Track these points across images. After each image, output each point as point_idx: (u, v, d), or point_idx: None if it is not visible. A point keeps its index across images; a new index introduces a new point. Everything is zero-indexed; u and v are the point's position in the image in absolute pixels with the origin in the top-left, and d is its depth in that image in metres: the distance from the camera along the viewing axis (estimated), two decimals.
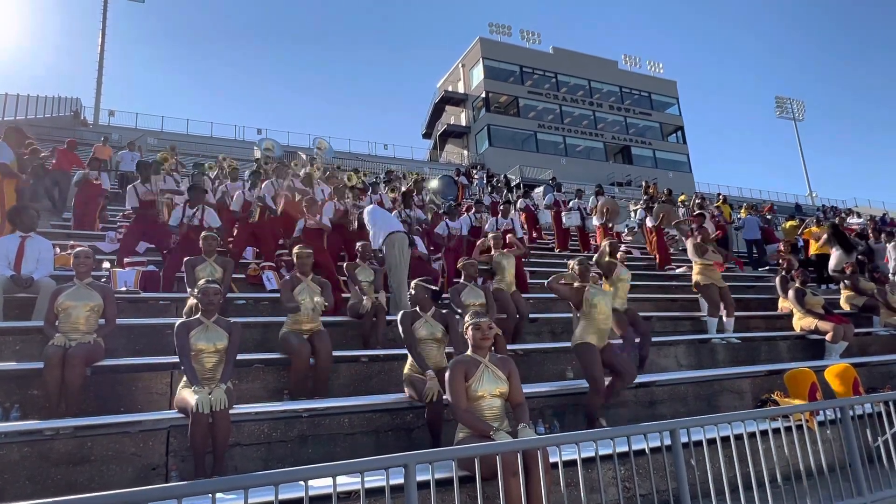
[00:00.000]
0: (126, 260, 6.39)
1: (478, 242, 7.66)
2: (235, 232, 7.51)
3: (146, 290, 5.86)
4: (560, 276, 4.96)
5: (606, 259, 6.08)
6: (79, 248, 4.51)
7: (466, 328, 3.47)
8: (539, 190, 16.26)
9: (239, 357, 4.08)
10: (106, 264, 6.44)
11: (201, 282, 4.01)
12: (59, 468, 3.33)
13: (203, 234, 5.56)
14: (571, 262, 5.07)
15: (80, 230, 8.62)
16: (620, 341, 5.52)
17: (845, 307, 8.99)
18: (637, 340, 5.89)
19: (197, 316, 3.90)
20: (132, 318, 5.19)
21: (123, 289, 5.66)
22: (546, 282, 5.06)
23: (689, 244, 8.01)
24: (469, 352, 3.44)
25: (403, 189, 10.34)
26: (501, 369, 3.36)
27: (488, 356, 3.42)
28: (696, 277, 7.65)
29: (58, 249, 6.14)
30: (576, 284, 4.87)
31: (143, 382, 4.19)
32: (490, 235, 6.97)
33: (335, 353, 4.71)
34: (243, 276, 6.80)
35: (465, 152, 41.07)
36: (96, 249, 5.81)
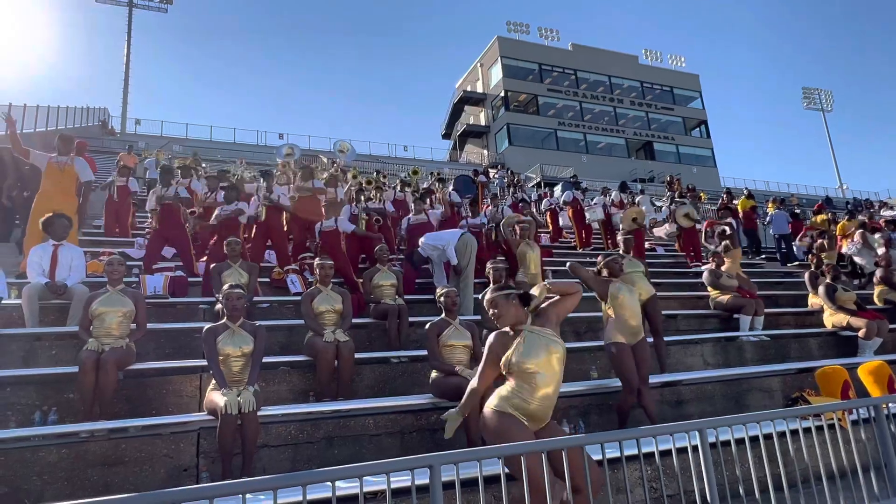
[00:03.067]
0: (155, 266, 6.54)
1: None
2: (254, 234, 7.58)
3: (174, 294, 5.99)
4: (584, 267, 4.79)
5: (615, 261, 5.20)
6: (111, 256, 4.64)
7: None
8: (558, 188, 16.02)
9: (265, 360, 4.15)
10: (135, 270, 6.60)
11: (225, 287, 4.10)
12: (95, 469, 3.43)
13: (227, 239, 5.67)
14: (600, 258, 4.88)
15: (110, 237, 8.83)
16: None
17: (879, 303, 8.74)
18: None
19: (223, 321, 3.98)
20: (161, 322, 5.32)
21: (152, 293, 5.79)
22: (568, 263, 4.92)
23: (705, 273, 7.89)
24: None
25: (425, 186, 10.38)
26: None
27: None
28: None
29: (89, 256, 6.31)
30: (604, 273, 4.75)
31: (173, 385, 4.30)
32: (520, 222, 6.80)
33: (359, 356, 4.76)
34: (268, 279, 6.91)
35: (485, 152, 41.01)
36: (126, 256, 5.95)
